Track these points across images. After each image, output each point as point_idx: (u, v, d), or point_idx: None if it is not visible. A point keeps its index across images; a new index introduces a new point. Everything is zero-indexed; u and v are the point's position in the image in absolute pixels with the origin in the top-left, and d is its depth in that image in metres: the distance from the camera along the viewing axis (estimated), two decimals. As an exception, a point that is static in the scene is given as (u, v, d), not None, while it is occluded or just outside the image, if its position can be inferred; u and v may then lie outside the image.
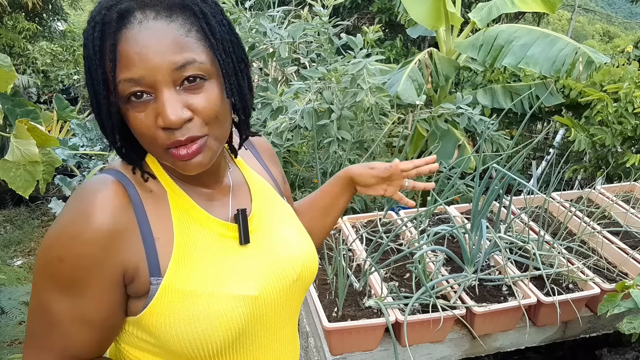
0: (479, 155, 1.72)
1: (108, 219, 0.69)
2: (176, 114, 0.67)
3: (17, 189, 1.56)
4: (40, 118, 1.83)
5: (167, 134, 0.68)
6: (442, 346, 1.44)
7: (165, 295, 0.72)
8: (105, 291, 0.71)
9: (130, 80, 0.66)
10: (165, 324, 0.72)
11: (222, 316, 0.74)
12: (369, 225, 1.86)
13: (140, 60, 0.66)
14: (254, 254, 0.82)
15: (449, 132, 2.96)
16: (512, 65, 3.07)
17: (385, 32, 6.38)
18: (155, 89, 0.67)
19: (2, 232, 4.31)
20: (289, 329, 0.90)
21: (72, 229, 0.69)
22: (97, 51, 0.66)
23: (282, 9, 2.73)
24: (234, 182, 0.87)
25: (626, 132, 2.90)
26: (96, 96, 0.69)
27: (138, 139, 0.71)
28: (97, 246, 0.68)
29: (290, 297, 0.87)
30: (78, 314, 0.71)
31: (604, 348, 1.59)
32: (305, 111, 2.22)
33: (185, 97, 0.68)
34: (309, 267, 0.89)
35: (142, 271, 0.72)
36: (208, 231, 0.79)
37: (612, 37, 16.39)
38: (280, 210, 0.93)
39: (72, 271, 0.69)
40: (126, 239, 0.71)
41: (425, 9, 3.32)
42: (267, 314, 0.82)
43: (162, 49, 0.66)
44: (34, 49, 7.36)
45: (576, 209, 1.80)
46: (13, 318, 1.98)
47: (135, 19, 0.66)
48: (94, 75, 0.68)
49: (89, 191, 0.72)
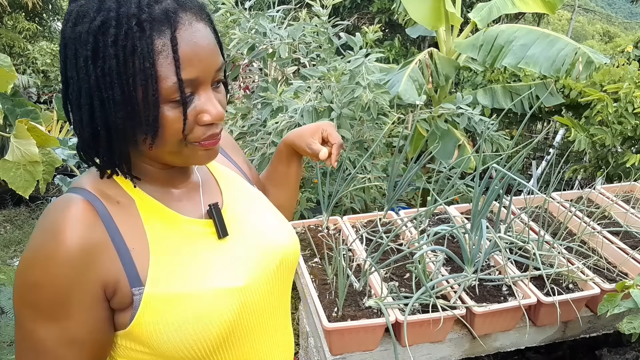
0: (479, 155, 1.72)
1: (79, 237, 0.68)
2: (218, 110, 0.72)
3: (17, 189, 1.56)
4: (40, 118, 1.83)
5: (204, 130, 0.73)
6: (442, 346, 1.44)
7: (151, 304, 0.72)
8: (89, 309, 0.70)
9: (187, 81, 0.68)
10: (155, 332, 0.72)
11: (211, 313, 0.74)
12: (369, 225, 1.86)
13: (198, 61, 0.69)
14: (234, 245, 0.82)
15: (449, 132, 2.96)
16: (512, 65, 3.08)
17: (385, 32, 6.38)
18: (199, 87, 0.71)
19: (2, 232, 4.31)
20: (280, 317, 0.90)
21: (44, 251, 0.68)
22: (150, 49, 0.66)
23: (282, 8, 2.74)
24: (202, 178, 0.87)
25: (626, 132, 2.90)
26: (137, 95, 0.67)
27: (168, 137, 0.70)
28: (72, 265, 0.68)
29: (276, 283, 0.87)
30: (65, 337, 0.70)
31: (604, 348, 1.59)
32: (305, 110, 2.22)
33: (215, 95, 0.74)
34: (290, 249, 0.90)
35: (123, 283, 0.72)
36: (183, 232, 0.78)
37: (612, 37, 16.39)
38: (251, 197, 0.93)
39: (51, 295, 0.68)
40: (100, 254, 0.70)
41: (425, 9, 3.33)
42: (257, 302, 0.82)
43: (210, 50, 0.71)
44: (34, 49, 7.36)
45: (576, 209, 1.80)
46: (13, 318, 1.97)
47: (184, 20, 0.68)
48: (138, 74, 0.66)
49: (55, 212, 0.71)
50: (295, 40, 2.53)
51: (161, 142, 0.71)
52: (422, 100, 2.62)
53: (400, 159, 1.89)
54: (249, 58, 2.66)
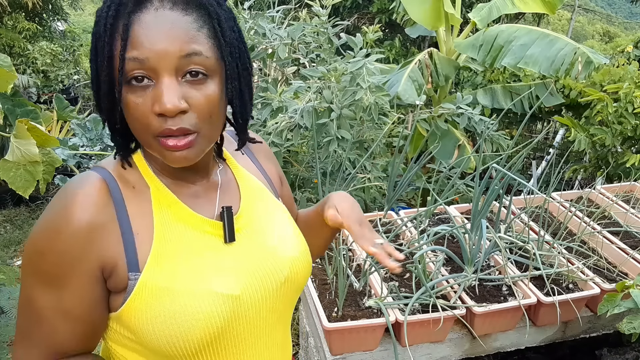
0: (479, 155, 1.72)
1: (87, 215, 0.71)
2: (172, 102, 0.67)
3: (17, 189, 1.55)
4: (40, 118, 1.83)
5: (160, 122, 0.69)
6: (442, 346, 1.44)
7: (143, 291, 0.72)
8: (86, 285, 0.72)
9: (135, 59, 0.67)
10: (142, 321, 0.72)
11: (199, 313, 0.73)
12: (369, 225, 1.85)
13: (149, 43, 0.67)
14: (239, 252, 0.81)
15: (449, 132, 2.96)
16: (512, 65, 3.08)
17: (385, 32, 6.38)
18: (157, 74, 0.68)
19: (2, 232, 4.31)
20: (278, 333, 0.88)
21: (53, 224, 0.71)
22: (108, 29, 0.68)
23: (282, 8, 2.73)
24: (222, 180, 0.86)
25: (626, 132, 2.90)
26: (98, 73, 0.70)
27: (131, 124, 0.72)
28: (76, 242, 0.70)
29: (278, 299, 0.84)
30: (60, 308, 0.72)
31: (604, 348, 1.59)
32: (304, 110, 2.22)
33: (185, 89, 0.70)
34: (299, 269, 0.87)
35: (121, 267, 0.73)
36: (190, 228, 0.78)
37: (612, 37, 16.38)
38: (273, 211, 0.91)
39: (53, 266, 0.71)
40: (104, 235, 0.72)
41: (425, 9, 3.33)
42: (250, 314, 0.80)
43: (172, 36, 0.68)
44: (34, 49, 7.36)
45: (576, 209, 1.80)
46: (13, 318, 1.97)
47: (152, 6, 0.68)
48: (100, 52, 0.69)
49: (71, 188, 0.73)
50: (295, 41, 2.53)
51: (134, 132, 0.73)
52: (422, 100, 2.62)
53: (400, 159, 1.89)
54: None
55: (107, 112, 0.73)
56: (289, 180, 2.58)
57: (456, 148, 3.03)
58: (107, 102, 0.71)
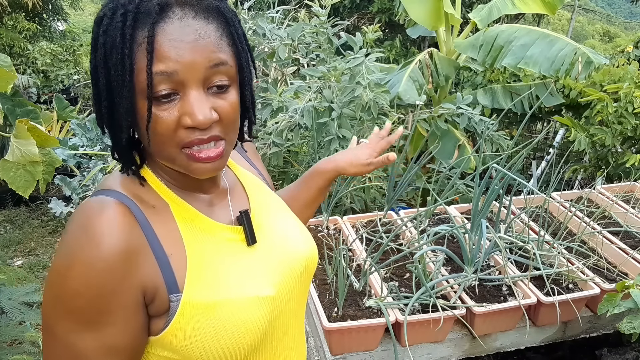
0: (479, 155, 1.72)
1: (118, 241, 0.66)
2: (205, 115, 0.66)
3: (17, 189, 1.55)
4: (40, 118, 1.83)
5: (189, 133, 0.67)
6: (442, 346, 1.44)
7: (187, 311, 0.70)
8: (130, 315, 0.68)
9: (162, 73, 0.64)
10: (190, 340, 0.70)
11: (247, 321, 0.73)
12: (369, 225, 1.86)
13: (176, 55, 0.65)
14: (262, 253, 0.82)
15: (449, 132, 2.96)
16: (512, 66, 3.08)
17: (385, 32, 6.38)
18: (185, 87, 0.66)
19: (2, 232, 4.31)
20: (299, 321, 0.91)
21: (83, 258, 0.65)
22: (128, 40, 0.64)
23: (281, 9, 2.73)
24: (229, 184, 0.86)
25: (626, 132, 2.90)
26: (115, 87, 0.66)
27: (153, 137, 0.68)
28: (113, 271, 0.65)
29: (299, 290, 0.87)
30: (107, 345, 0.68)
31: (604, 348, 1.59)
32: (305, 109, 2.22)
33: (212, 99, 0.68)
34: (312, 257, 0.90)
35: (161, 289, 0.70)
36: (216, 238, 0.77)
37: (612, 37, 16.38)
38: (276, 205, 0.93)
39: (92, 303, 0.65)
40: (140, 259, 0.68)
41: (425, 10, 3.32)
42: (285, 310, 0.82)
43: (200, 48, 0.66)
44: (34, 49, 7.36)
45: (576, 209, 1.80)
46: (13, 318, 1.97)
47: (175, 15, 0.66)
48: (116, 65, 0.65)
49: (90, 215, 0.68)
50: (295, 41, 2.53)
51: (153, 146, 0.69)
52: (422, 100, 2.62)
53: (400, 159, 1.89)
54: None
55: (124, 127, 0.69)
56: (289, 180, 2.58)
57: (456, 148, 3.03)
58: (126, 116, 0.67)
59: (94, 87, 0.69)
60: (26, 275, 2.91)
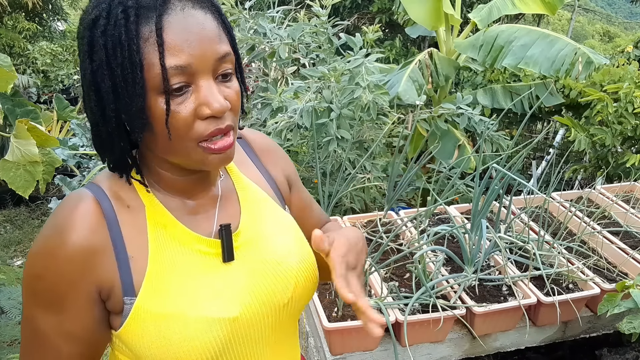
0: (479, 155, 1.72)
1: (82, 239, 0.69)
2: (220, 103, 0.67)
3: (17, 189, 1.55)
4: (40, 118, 1.83)
5: (206, 124, 0.67)
6: (442, 346, 1.44)
7: (138, 316, 0.71)
8: (83, 307, 0.71)
9: (177, 67, 0.64)
10: (140, 344, 0.72)
11: (194, 339, 0.70)
12: (369, 225, 1.86)
13: (188, 47, 0.64)
14: (238, 271, 0.77)
15: (449, 132, 2.96)
16: (512, 66, 3.08)
17: (385, 32, 6.38)
18: (196, 78, 0.66)
19: (2, 232, 4.31)
20: (284, 347, 0.85)
21: (48, 247, 0.70)
22: (134, 36, 0.63)
23: (282, 9, 2.73)
24: (222, 192, 0.81)
25: (626, 132, 2.90)
26: (125, 87, 0.64)
27: (171, 132, 0.66)
28: (71, 265, 0.69)
29: (284, 315, 0.81)
30: (62, 329, 0.72)
31: (604, 348, 1.59)
32: (304, 110, 2.22)
33: (221, 88, 0.69)
34: (305, 281, 0.82)
35: (117, 290, 0.71)
36: (187, 248, 0.74)
37: (612, 37, 16.38)
38: (275, 222, 0.85)
39: (49, 288, 0.70)
40: (99, 258, 0.70)
41: (425, 10, 3.32)
42: (251, 334, 0.76)
43: (207, 38, 0.66)
44: (34, 49, 7.36)
45: (576, 209, 1.80)
46: (13, 318, 1.97)
47: (176, 6, 0.65)
48: (125, 63, 0.63)
49: (66, 208, 0.72)
50: (295, 41, 2.53)
51: (163, 140, 0.68)
52: (422, 101, 2.62)
53: (400, 159, 1.89)
54: (249, 58, 2.66)
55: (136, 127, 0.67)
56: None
57: (456, 148, 3.02)
58: (140, 114, 0.65)
59: (94, 94, 0.67)
60: (26, 275, 2.91)
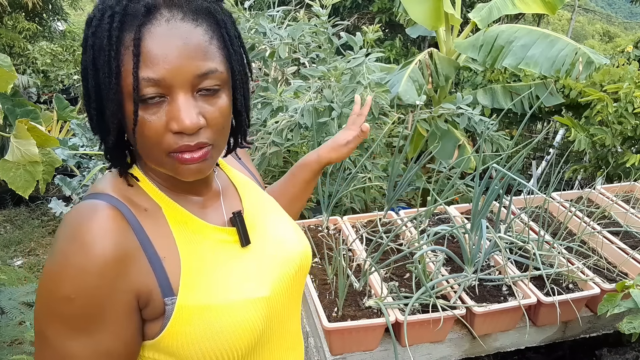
0: (479, 155, 1.72)
1: (110, 246, 0.65)
2: (191, 120, 0.65)
3: (17, 189, 1.55)
4: (40, 118, 1.83)
5: (176, 138, 0.66)
6: (442, 346, 1.44)
7: (183, 314, 0.70)
8: (123, 320, 0.68)
9: (150, 80, 0.63)
10: (187, 343, 0.70)
11: (243, 323, 0.73)
12: (369, 225, 1.86)
13: (164, 61, 0.63)
14: (256, 253, 0.81)
15: (449, 132, 2.96)
16: (512, 66, 3.07)
17: (385, 32, 6.38)
18: (172, 91, 0.65)
19: (2, 232, 4.31)
20: (294, 320, 0.90)
21: (75, 262, 0.64)
22: (114, 42, 0.63)
23: (282, 9, 2.73)
24: (222, 185, 0.86)
25: (626, 132, 2.90)
26: (103, 89, 0.65)
27: (141, 141, 0.67)
28: (106, 276, 0.65)
29: (294, 290, 0.87)
30: (99, 351, 0.67)
31: (604, 348, 1.59)
32: (305, 109, 2.22)
33: (199, 104, 0.67)
34: (306, 256, 0.90)
35: (155, 293, 0.70)
36: (209, 240, 0.77)
37: (612, 37, 16.38)
38: (268, 204, 0.93)
39: (85, 308, 0.65)
40: (133, 263, 0.68)
41: (425, 10, 3.32)
42: (280, 310, 0.82)
43: (188, 53, 0.65)
44: (34, 49, 7.36)
45: (576, 209, 1.80)
46: (13, 318, 1.97)
47: (163, 16, 0.64)
48: (104, 68, 0.64)
49: (82, 220, 0.67)
50: (295, 40, 2.53)
51: (140, 149, 0.69)
52: (422, 101, 2.62)
53: (400, 159, 1.89)
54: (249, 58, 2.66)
55: (112, 129, 0.68)
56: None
57: (456, 148, 3.02)
58: (113, 119, 0.67)
59: (84, 88, 0.69)
60: (26, 275, 2.91)
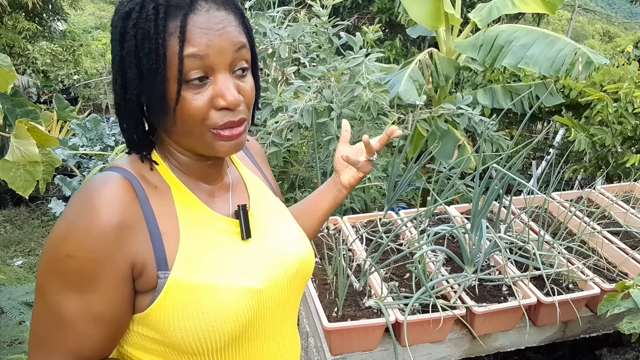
0: (479, 155, 1.72)
1: (117, 213, 0.71)
2: (234, 96, 0.73)
3: (17, 189, 1.55)
4: (40, 118, 1.83)
5: (221, 115, 0.74)
6: (442, 346, 1.44)
7: (173, 289, 0.73)
8: (117, 286, 0.72)
9: (195, 56, 0.70)
10: (173, 318, 0.73)
11: (229, 308, 0.75)
12: (369, 225, 1.86)
13: (207, 41, 0.71)
14: (255, 249, 0.84)
15: (449, 132, 2.96)
16: (512, 66, 3.08)
17: (385, 32, 6.39)
18: (215, 71, 0.72)
19: (2, 232, 4.31)
20: (290, 323, 0.92)
21: (81, 224, 0.70)
22: (161, 30, 0.70)
23: (282, 9, 2.73)
24: (233, 180, 0.90)
25: (626, 132, 2.90)
26: (146, 75, 0.71)
27: (180, 119, 0.73)
28: (107, 240, 0.70)
29: (292, 292, 0.89)
30: (91, 311, 0.71)
31: (604, 348, 1.59)
32: (304, 109, 2.22)
33: (236, 82, 0.75)
34: (307, 262, 0.92)
35: (150, 265, 0.73)
36: (212, 227, 0.81)
37: (612, 37, 16.38)
38: (275, 207, 0.96)
39: (83, 267, 0.70)
40: (134, 233, 0.72)
41: (425, 10, 3.33)
42: (271, 308, 0.84)
43: (227, 36, 0.73)
44: (34, 49, 7.37)
45: (576, 209, 1.80)
46: (13, 318, 1.97)
47: (202, 7, 0.72)
48: (150, 54, 0.70)
49: (94, 187, 0.73)
50: (295, 41, 2.53)
51: (180, 125, 0.74)
52: (422, 101, 2.62)
53: (400, 159, 1.89)
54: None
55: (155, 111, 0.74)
56: (289, 180, 2.58)
57: (456, 148, 3.03)
58: (159, 100, 0.72)
59: (120, 78, 0.74)
60: (26, 275, 2.91)
